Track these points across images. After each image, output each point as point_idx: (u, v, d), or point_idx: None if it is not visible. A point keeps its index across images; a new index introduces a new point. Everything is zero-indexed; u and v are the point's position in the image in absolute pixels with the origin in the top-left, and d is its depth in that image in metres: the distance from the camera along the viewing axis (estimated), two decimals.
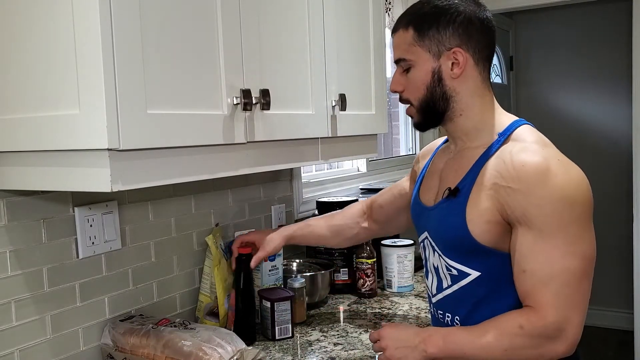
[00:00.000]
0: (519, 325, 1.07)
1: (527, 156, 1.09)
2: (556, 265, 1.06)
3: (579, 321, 1.08)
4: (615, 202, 4.17)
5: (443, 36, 1.16)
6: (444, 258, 1.22)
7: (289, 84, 1.39)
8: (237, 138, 1.21)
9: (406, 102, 1.24)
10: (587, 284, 1.09)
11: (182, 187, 1.63)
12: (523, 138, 1.15)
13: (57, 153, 1.02)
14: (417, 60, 1.18)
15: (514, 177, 1.08)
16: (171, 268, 1.62)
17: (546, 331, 1.07)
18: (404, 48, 1.20)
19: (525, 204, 1.07)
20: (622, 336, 4.07)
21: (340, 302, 1.87)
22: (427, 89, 1.19)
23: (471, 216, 1.13)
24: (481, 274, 1.16)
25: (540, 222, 1.06)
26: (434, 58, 1.17)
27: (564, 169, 1.09)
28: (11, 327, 1.23)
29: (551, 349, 1.08)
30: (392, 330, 1.20)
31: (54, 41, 0.99)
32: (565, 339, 1.07)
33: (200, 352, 1.24)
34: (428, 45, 1.17)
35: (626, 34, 3.77)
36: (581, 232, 1.07)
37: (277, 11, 1.35)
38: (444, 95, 1.18)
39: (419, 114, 1.23)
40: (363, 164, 2.74)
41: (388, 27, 2.59)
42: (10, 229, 1.23)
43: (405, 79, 1.21)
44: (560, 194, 1.06)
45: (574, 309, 1.07)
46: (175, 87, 1.08)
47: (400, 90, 1.23)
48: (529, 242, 1.08)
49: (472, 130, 1.21)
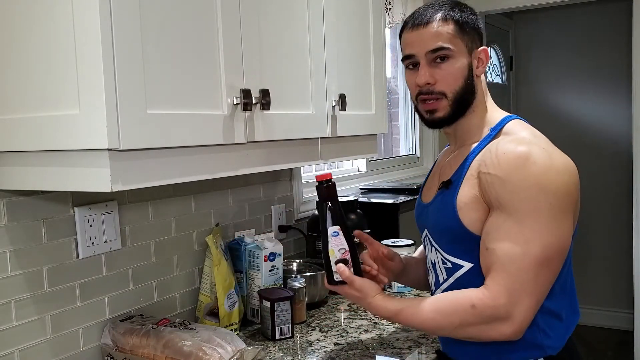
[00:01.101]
0: (472, 304, 1.10)
1: (511, 145, 1.12)
2: (517, 249, 1.07)
3: (529, 307, 1.08)
4: (615, 202, 4.17)
5: (475, 35, 1.21)
6: (440, 252, 1.24)
7: (289, 84, 1.39)
8: (237, 138, 1.22)
9: (438, 94, 1.20)
10: (546, 273, 1.09)
11: (182, 187, 1.63)
12: (514, 131, 1.18)
13: (57, 153, 1.02)
14: (458, 52, 1.19)
15: (495, 164, 1.11)
16: (171, 268, 1.62)
17: (495, 312, 1.08)
18: (446, 37, 1.18)
19: (501, 190, 1.09)
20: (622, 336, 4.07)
21: (340, 302, 1.87)
22: (464, 81, 1.20)
23: (461, 205, 1.16)
24: (473, 265, 1.17)
25: (512, 206, 1.08)
26: (468, 53, 1.21)
27: (547, 157, 1.09)
28: (11, 327, 1.23)
29: (498, 330, 1.09)
30: (353, 299, 1.23)
31: (54, 41, 0.99)
32: (512, 322, 1.08)
33: (200, 352, 1.24)
34: (466, 41, 1.20)
35: (626, 34, 3.77)
36: (552, 222, 1.08)
37: (277, 11, 1.35)
38: (472, 90, 1.22)
39: (450, 107, 1.20)
40: (363, 164, 2.74)
41: (388, 27, 2.59)
42: (10, 229, 1.23)
43: (439, 70, 1.19)
44: (535, 180, 1.07)
45: (527, 295, 1.08)
46: (175, 87, 1.08)
47: (432, 82, 1.20)
48: (497, 223, 1.10)
49: (474, 127, 1.24)
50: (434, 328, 1.16)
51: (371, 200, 2.29)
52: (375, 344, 1.50)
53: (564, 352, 1.17)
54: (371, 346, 1.49)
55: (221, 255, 1.61)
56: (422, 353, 1.44)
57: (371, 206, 2.24)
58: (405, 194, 2.41)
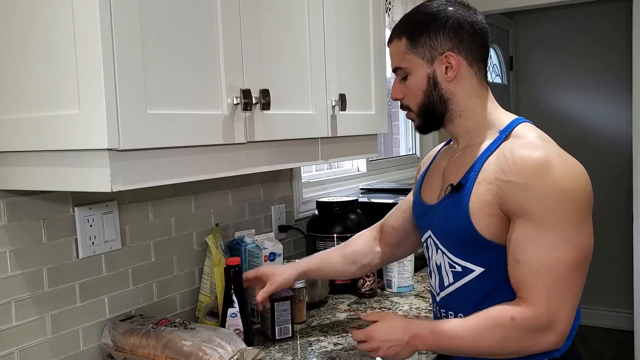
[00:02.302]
0: (511, 317, 1.08)
1: (527, 151, 1.11)
2: (550, 256, 1.07)
3: (569, 314, 1.09)
4: (616, 202, 4.17)
5: (434, 42, 1.19)
6: (448, 255, 1.23)
7: (289, 84, 1.39)
8: (237, 138, 1.21)
9: (406, 108, 1.27)
10: (580, 277, 1.09)
11: (182, 187, 1.63)
12: (524, 135, 1.16)
13: (57, 153, 1.02)
14: (412, 68, 1.22)
15: (514, 171, 1.10)
16: (171, 268, 1.62)
17: (536, 323, 1.08)
18: (399, 57, 1.24)
19: (524, 197, 1.08)
20: (622, 336, 4.07)
21: (340, 302, 1.87)
22: (424, 94, 1.22)
23: (474, 209, 1.14)
24: (485, 269, 1.17)
25: (538, 214, 1.07)
26: (427, 64, 1.20)
27: (564, 162, 1.10)
28: (11, 327, 1.23)
29: (541, 341, 1.09)
30: (379, 330, 1.19)
31: (54, 41, 0.99)
32: (555, 331, 1.08)
33: (200, 352, 1.24)
34: (421, 52, 1.20)
35: (626, 34, 3.78)
36: (578, 226, 1.08)
37: (277, 11, 1.35)
38: (441, 98, 1.21)
39: (419, 118, 1.26)
40: (363, 164, 2.74)
41: (388, 27, 2.59)
42: (10, 229, 1.23)
43: (404, 86, 1.25)
44: (559, 186, 1.07)
45: (564, 301, 1.08)
46: (175, 87, 1.08)
47: (400, 98, 1.27)
48: (525, 233, 1.09)
49: (473, 129, 1.23)
50: (472, 347, 1.12)
51: (371, 200, 2.29)
52: None
53: (567, 353, 1.17)
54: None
55: (221, 255, 1.61)
56: (422, 353, 1.43)
57: (371, 206, 2.24)
58: (405, 194, 2.40)
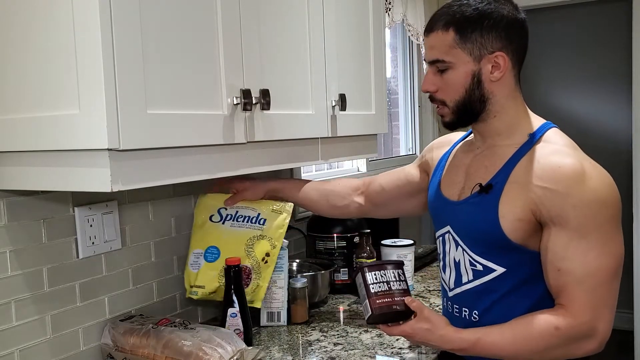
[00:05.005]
0: (555, 326, 1.09)
1: (561, 158, 1.12)
2: (591, 264, 1.09)
3: (610, 319, 1.11)
4: None
5: (486, 40, 1.15)
6: (469, 252, 1.22)
7: (289, 84, 1.39)
8: (237, 138, 1.22)
9: (440, 102, 1.22)
10: (617, 282, 1.12)
11: (182, 187, 1.63)
12: (554, 140, 1.17)
13: (57, 153, 1.02)
14: (457, 63, 1.17)
15: (551, 178, 1.10)
16: (171, 268, 1.62)
17: (580, 331, 1.09)
18: (443, 50, 1.17)
19: (563, 205, 1.09)
20: (622, 336, 4.06)
21: (340, 302, 1.87)
22: (465, 91, 1.18)
23: (503, 212, 1.15)
24: (506, 270, 1.18)
25: (577, 222, 1.09)
26: (474, 61, 1.17)
27: (597, 171, 1.12)
28: (11, 327, 1.23)
29: (583, 347, 1.11)
30: (418, 332, 1.18)
31: (54, 41, 0.99)
32: (596, 337, 1.10)
33: (200, 352, 1.24)
34: (470, 48, 1.16)
35: (626, 34, 3.77)
36: (613, 233, 1.11)
37: (277, 11, 1.35)
38: (482, 97, 1.19)
39: (453, 114, 1.22)
40: (363, 164, 2.74)
41: (388, 27, 2.59)
42: (10, 229, 1.23)
43: (440, 79, 1.20)
44: (596, 195, 1.09)
45: (606, 307, 1.10)
46: (175, 87, 1.08)
47: (433, 91, 1.22)
48: (563, 242, 1.10)
49: (504, 130, 1.22)
50: (513, 355, 1.13)
51: None
52: (375, 344, 1.50)
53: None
54: (371, 346, 1.49)
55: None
56: (422, 353, 1.44)
57: None
58: None
